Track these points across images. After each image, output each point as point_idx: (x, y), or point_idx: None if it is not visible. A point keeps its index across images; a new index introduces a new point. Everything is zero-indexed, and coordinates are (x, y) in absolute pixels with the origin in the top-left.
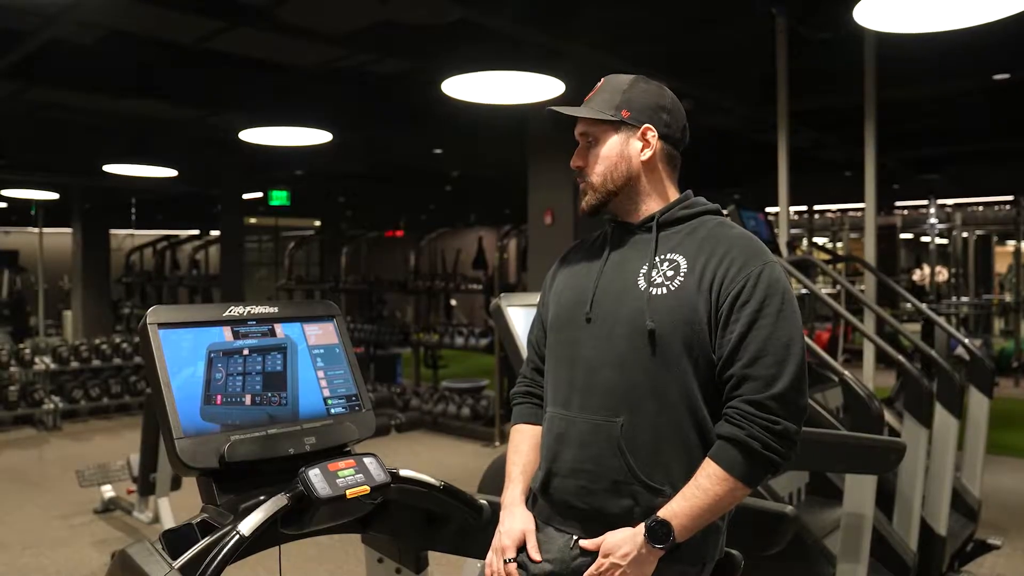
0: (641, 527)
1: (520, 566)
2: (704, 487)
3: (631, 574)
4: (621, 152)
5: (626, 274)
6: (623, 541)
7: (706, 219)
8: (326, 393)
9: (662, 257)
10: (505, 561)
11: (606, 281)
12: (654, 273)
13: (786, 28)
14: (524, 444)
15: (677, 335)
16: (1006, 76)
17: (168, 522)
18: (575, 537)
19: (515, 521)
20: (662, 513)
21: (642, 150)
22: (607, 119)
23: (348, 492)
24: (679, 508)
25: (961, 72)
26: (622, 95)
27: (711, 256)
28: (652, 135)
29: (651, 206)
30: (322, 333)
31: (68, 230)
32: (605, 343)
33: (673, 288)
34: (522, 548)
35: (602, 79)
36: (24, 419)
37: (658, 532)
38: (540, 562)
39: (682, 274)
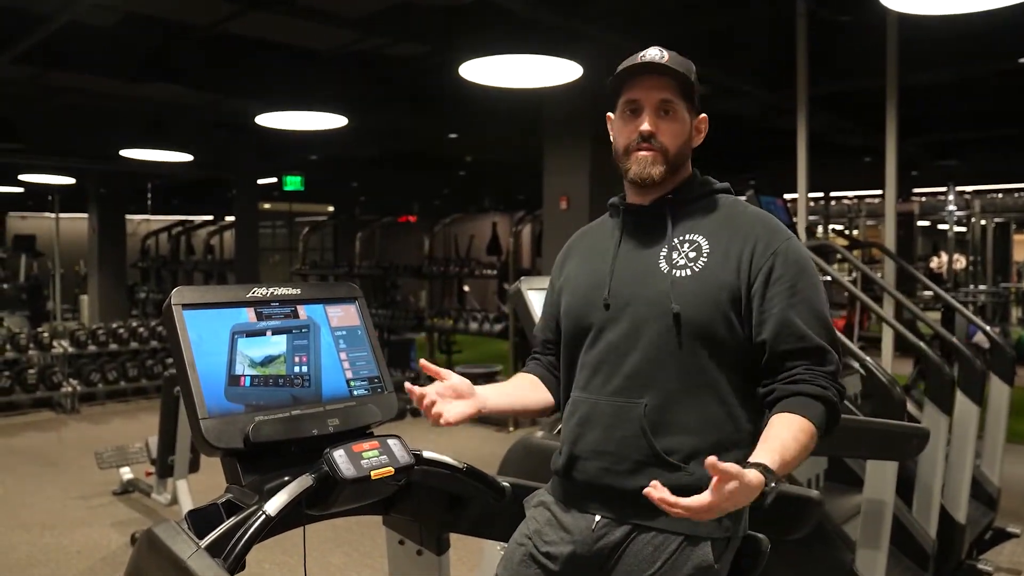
0: (756, 474)
1: (546, 556)
2: (796, 438)
3: (734, 499)
4: (688, 131)
5: (644, 256)
6: (751, 476)
7: (718, 198)
8: (349, 375)
9: (681, 238)
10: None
11: (622, 265)
12: (675, 255)
13: (806, 10)
14: (517, 378)
15: (702, 316)
16: None
17: (186, 504)
18: (597, 518)
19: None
20: (768, 461)
21: (695, 137)
22: (691, 98)
23: (373, 473)
24: (782, 457)
25: (985, 55)
26: (693, 76)
27: (733, 236)
28: (705, 126)
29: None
30: (344, 315)
31: (84, 215)
32: (628, 326)
33: (697, 269)
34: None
35: (658, 48)
36: (43, 402)
37: (769, 475)
38: (547, 562)
39: (705, 255)
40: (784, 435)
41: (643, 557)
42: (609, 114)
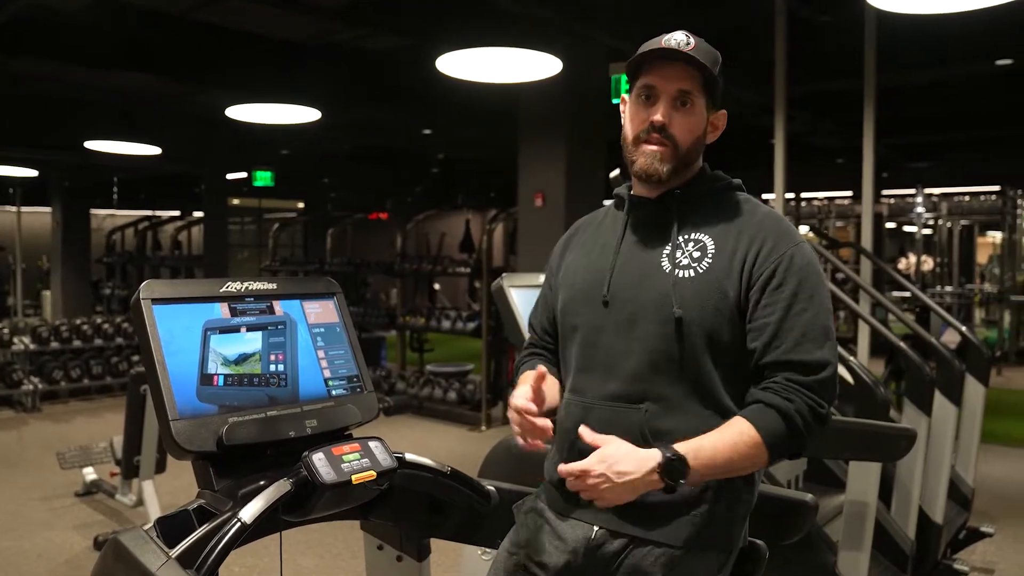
0: (656, 454)
1: (539, 566)
2: (733, 443)
3: (613, 495)
4: (703, 126)
5: (647, 254)
6: (627, 459)
7: (728, 195)
8: (327, 374)
9: (686, 237)
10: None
11: (624, 261)
12: (679, 254)
13: (786, 10)
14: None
15: (704, 321)
16: (1009, 62)
17: (152, 505)
18: (596, 528)
19: (526, 380)
20: (683, 449)
21: (711, 133)
22: (712, 92)
23: (354, 478)
24: (703, 454)
25: (961, 57)
26: (718, 67)
27: (740, 237)
28: (722, 123)
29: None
30: (322, 311)
31: (47, 209)
32: (627, 328)
33: (701, 271)
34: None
35: (685, 33)
36: (3, 400)
37: (675, 469)
38: (539, 572)
39: (710, 255)
40: (715, 436)
41: (642, 569)
42: (624, 95)
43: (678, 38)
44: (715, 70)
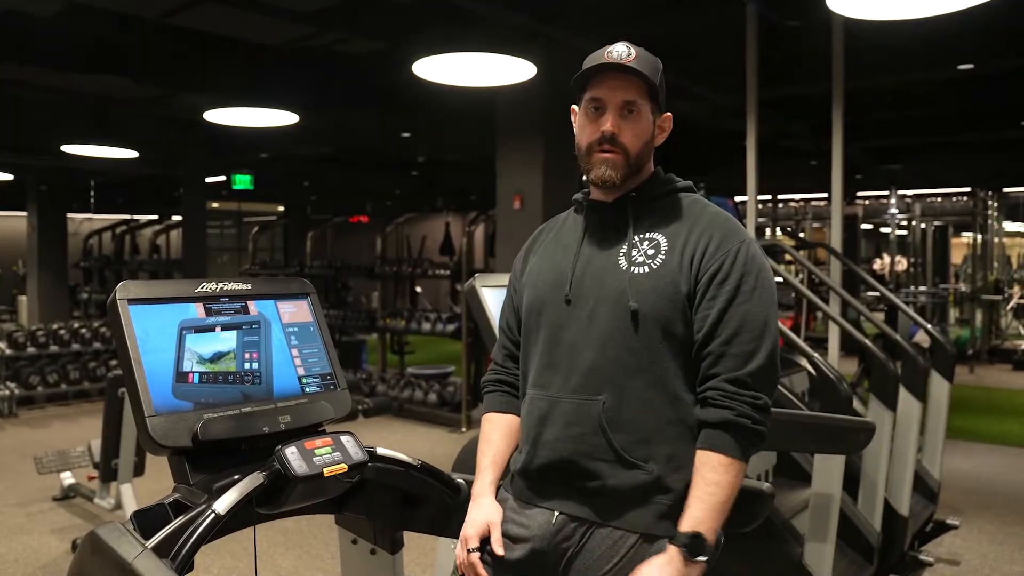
0: (674, 551)
1: (488, 560)
2: (716, 481)
3: None
4: (651, 131)
5: (605, 254)
6: (660, 568)
7: (681, 196)
8: (300, 371)
9: (641, 236)
10: (468, 551)
11: (584, 262)
12: (634, 252)
13: (756, 15)
14: (495, 433)
15: (659, 314)
16: (970, 67)
17: (131, 508)
18: (557, 513)
19: (481, 512)
20: (687, 527)
21: (658, 136)
22: (656, 98)
23: (325, 470)
24: (701, 514)
25: (927, 62)
26: (660, 75)
27: (690, 234)
28: (668, 125)
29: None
30: (296, 311)
31: (23, 213)
32: (587, 324)
33: (655, 267)
34: (487, 540)
35: (626, 44)
36: None
37: (694, 547)
38: (505, 555)
39: (663, 252)
40: (699, 487)
41: (601, 552)
42: (573, 107)
43: (619, 50)
44: (656, 78)
